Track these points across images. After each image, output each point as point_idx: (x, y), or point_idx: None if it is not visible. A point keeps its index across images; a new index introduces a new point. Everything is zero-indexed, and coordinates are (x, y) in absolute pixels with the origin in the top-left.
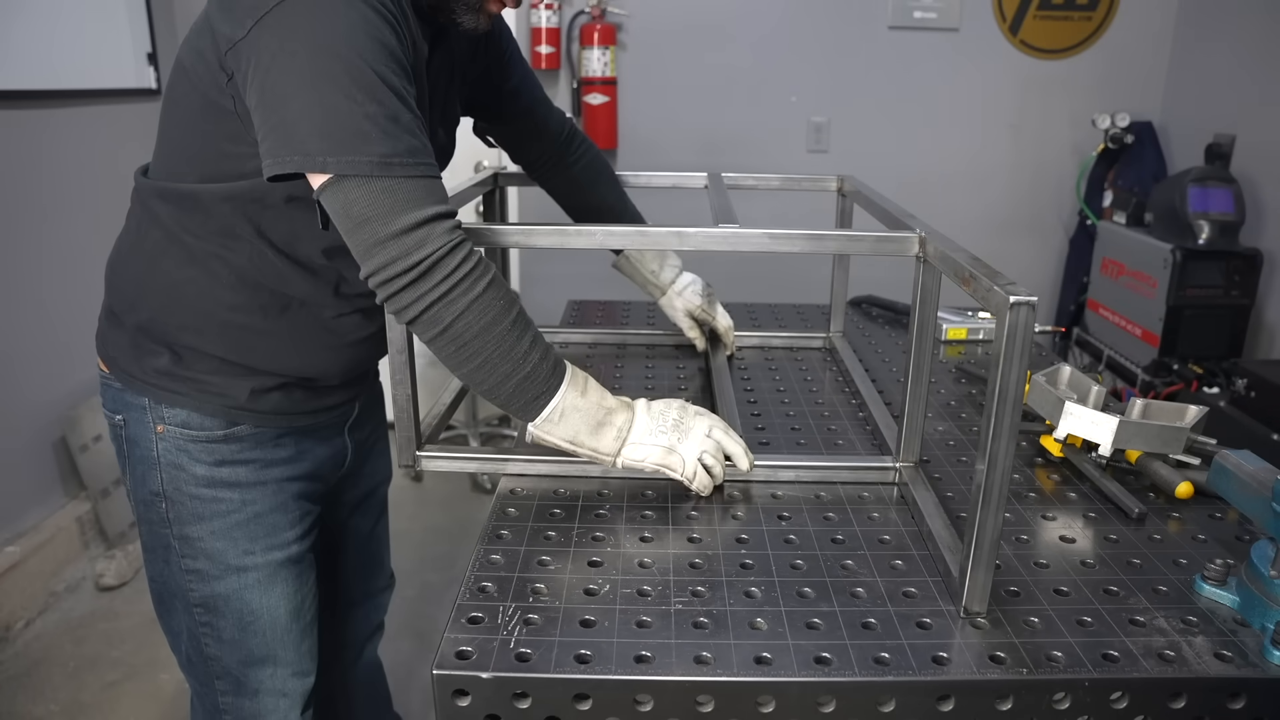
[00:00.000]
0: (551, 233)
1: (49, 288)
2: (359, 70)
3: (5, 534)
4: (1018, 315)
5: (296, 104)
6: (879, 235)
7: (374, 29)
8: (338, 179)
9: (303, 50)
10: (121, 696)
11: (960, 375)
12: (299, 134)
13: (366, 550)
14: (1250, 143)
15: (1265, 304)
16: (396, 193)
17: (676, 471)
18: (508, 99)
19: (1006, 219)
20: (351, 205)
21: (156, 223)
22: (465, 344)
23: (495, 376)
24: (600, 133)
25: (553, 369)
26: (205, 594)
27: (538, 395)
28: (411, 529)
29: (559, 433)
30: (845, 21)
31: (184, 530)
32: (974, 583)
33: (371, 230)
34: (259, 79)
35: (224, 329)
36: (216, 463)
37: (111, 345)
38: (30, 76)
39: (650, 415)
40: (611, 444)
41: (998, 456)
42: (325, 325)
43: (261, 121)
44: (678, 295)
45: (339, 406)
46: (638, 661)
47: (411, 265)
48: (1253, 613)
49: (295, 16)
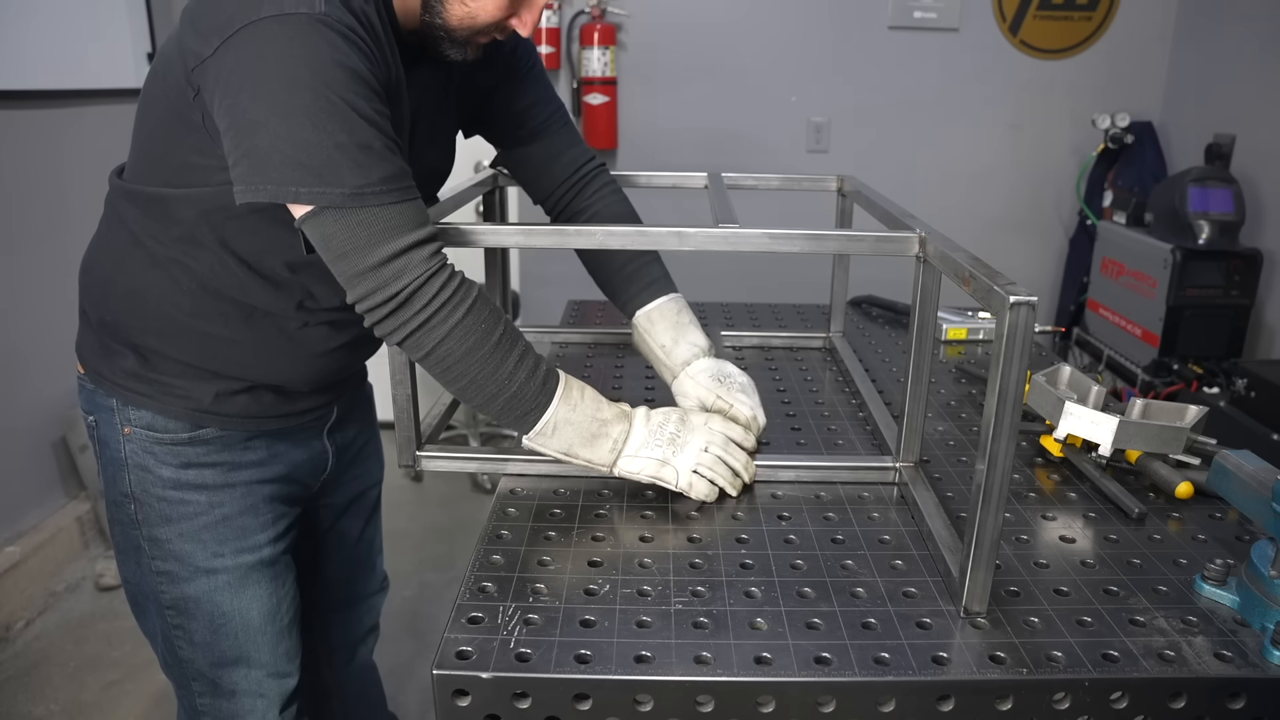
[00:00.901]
0: (551, 233)
1: (49, 288)
2: (327, 99)
3: (5, 534)
4: (1018, 315)
5: (266, 133)
6: (879, 235)
7: (340, 55)
8: (314, 213)
9: (270, 77)
10: (121, 696)
11: (960, 375)
12: (271, 164)
13: (356, 554)
14: (1250, 143)
15: (1265, 304)
16: (372, 225)
17: (670, 483)
18: (514, 120)
19: (1006, 219)
20: (330, 239)
21: (123, 224)
22: (450, 366)
23: (483, 395)
24: (600, 133)
25: (541, 385)
26: (176, 596)
27: (527, 412)
28: (411, 529)
29: (553, 445)
30: (845, 21)
31: (153, 532)
32: (974, 582)
33: (350, 263)
34: (227, 101)
35: (186, 334)
36: (182, 465)
37: (83, 345)
38: (31, 76)
39: (648, 427)
40: (606, 455)
41: (998, 456)
42: (290, 336)
43: (232, 146)
44: (690, 380)
45: (312, 411)
46: (638, 661)
47: (390, 296)
48: (1253, 613)
49: (262, 42)
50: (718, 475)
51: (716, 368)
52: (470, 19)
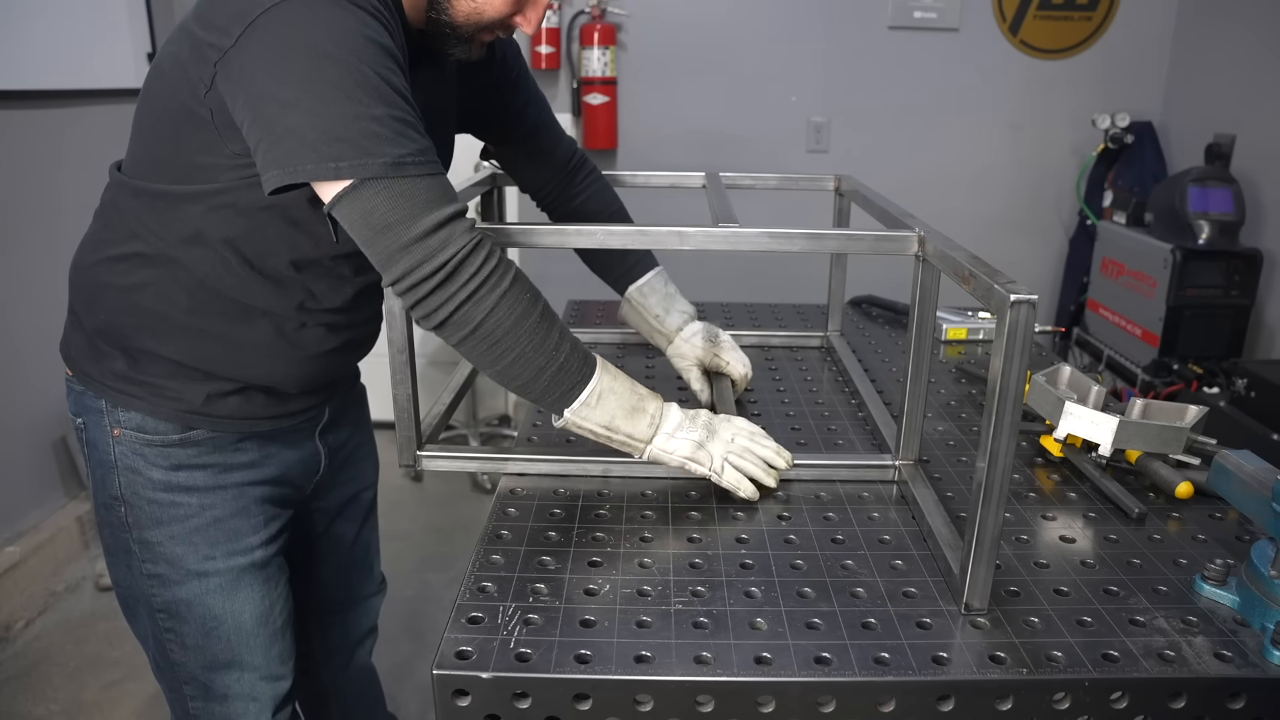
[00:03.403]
0: (551, 233)
1: (49, 287)
2: (360, 73)
3: (5, 534)
4: (1018, 313)
5: (299, 112)
6: (878, 234)
7: (370, 30)
8: (354, 187)
9: (299, 56)
10: (121, 696)
11: (960, 375)
12: (306, 141)
13: (351, 556)
14: (1250, 143)
15: (1265, 304)
16: (415, 195)
17: (704, 466)
18: (514, 117)
19: (1006, 219)
20: (371, 213)
21: (121, 220)
22: (497, 341)
23: (530, 370)
24: (600, 133)
25: (584, 357)
26: (167, 599)
27: (573, 384)
28: (411, 529)
29: (595, 417)
30: (845, 22)
31: (143, 535)
32: (974, 579)
33: (394, 235)
34: (254, 89)
35: (179, 333)
36: (173, 467)
37: (72, 346)
38: (31, 76)
39: (683, 412)
40: (645, 430)
41: (998, 454)
42: (287, 337)
43: (261, 133)
44: (685, 343)
45: (304, 412)
46: (638, 661)
47: (438, 267)
48: (1253, 613)
49: (287, 23)
50: (746, 462)
51: (706, 330)
52: (476, 15)
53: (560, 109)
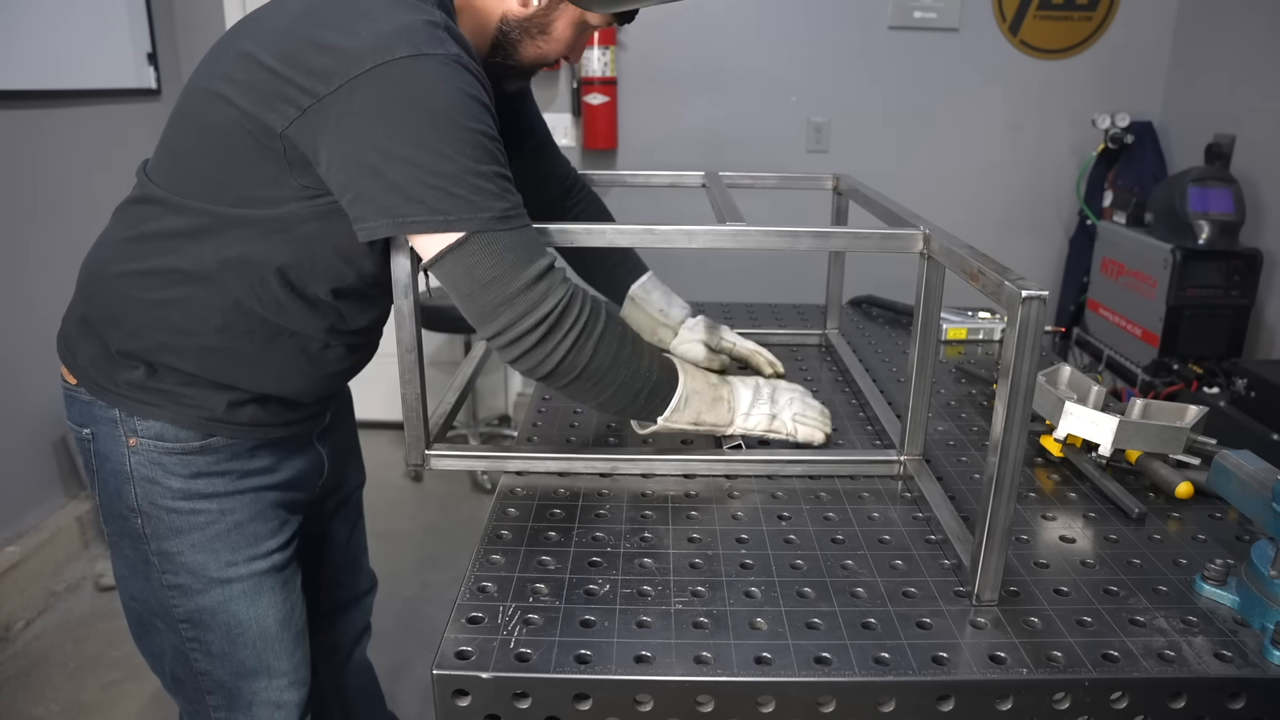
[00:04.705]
0: (559, 232)
1: (49, 288)
2: (467, 129)
3: (5, 534)
4: (1029, 309)
5: (408, 166)
6: (885, 232)
7: (470, 87)
8: (461, 243)
9: (407, 112)
10: (121, 696)
11: (960, 375)
12: (413, 196)
13: (346, 555)
14: (1250, 143)
15: (1265, 304)
16: (517, 248)
17: (782, 433)
18: (523, 138)
19: (1006, 219)
20: (476, 268)
21: (158, 234)
22: (600, 379)
23: (628, 395)
24: (600, 133)
25: (668, 369)
26: (190, 609)
27: (665, 396)
28: (411, 529)
29: (684, 418)
30: (845, 22)
31: (162, 545)
32: (986, 571)
33: (499, 289)
34: (357, 139)
35: (206, 350)
36: (192, 475)
37: (81, 355)
38: (31, 76)
39: (746, 386)
40: (726, 415)
41: (1010, 448)
42: (310, 356)
43: (362, 182)
44: (690, 330)
45: (313, 418)
46: (638, 661)
47: (540, 319)
48: (1253, 613)
49: (395, 80)
50: (809, 419)
51: (708, 321)
52: (542, 58)
53: (560, 109)
